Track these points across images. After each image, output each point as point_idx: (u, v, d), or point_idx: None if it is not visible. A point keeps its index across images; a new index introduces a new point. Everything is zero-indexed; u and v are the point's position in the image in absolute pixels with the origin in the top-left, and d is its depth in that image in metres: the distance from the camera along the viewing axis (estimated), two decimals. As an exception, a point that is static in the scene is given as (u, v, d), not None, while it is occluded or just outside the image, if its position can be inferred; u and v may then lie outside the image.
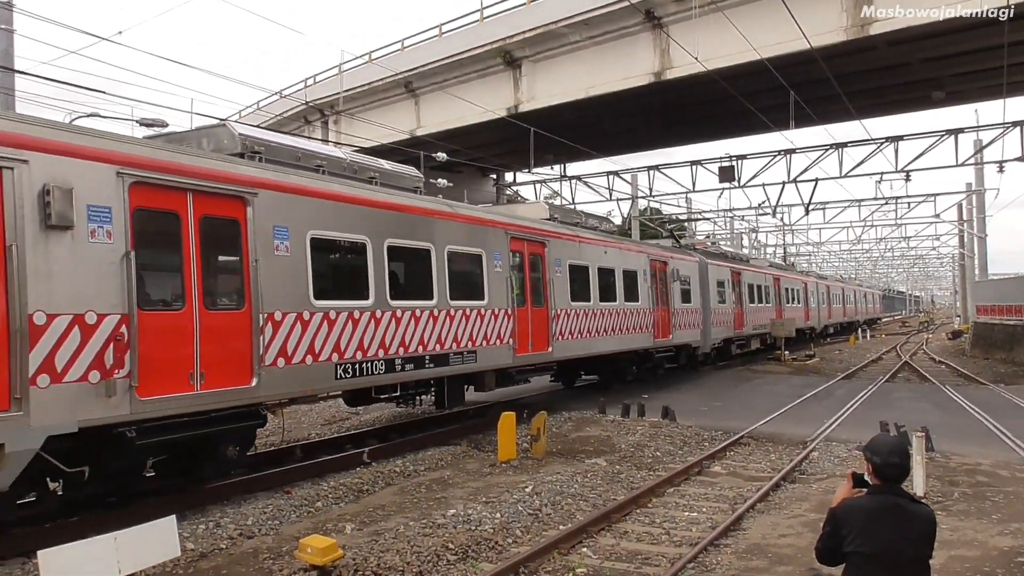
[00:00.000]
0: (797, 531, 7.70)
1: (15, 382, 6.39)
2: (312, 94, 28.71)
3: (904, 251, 69.12)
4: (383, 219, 10.95)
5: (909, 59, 21.07)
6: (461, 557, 6.77)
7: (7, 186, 6.52)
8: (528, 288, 14.50)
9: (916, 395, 19.19)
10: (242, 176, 8.80)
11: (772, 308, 32.87)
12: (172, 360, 7.69)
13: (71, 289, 6.92)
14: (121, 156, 7.52)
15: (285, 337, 9.04)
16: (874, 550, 3.42)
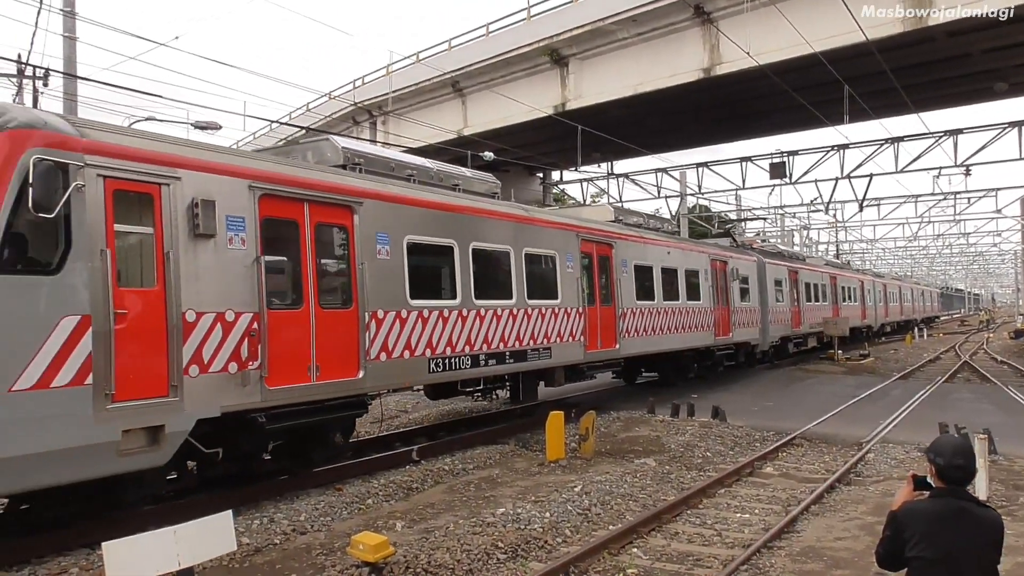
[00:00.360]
0: (853, 534, 7.55)
1: (172, 371, 7.35)
2: (361, 95, 29.09)
3: (963, 248, 66.98)
4: (468, 224, 11.80)
5: (970, 50, 20.40)
6: (511, 556, 6.80)
7: (165, 200, 7.48)
8: (597, 288, 15.09)
9: (977, 396, 18.62)
10: (349, 187, 9.74)
11: (829, 307, 32.90)
12: (294, 354, 8.61)
13: (214, 290, 7.85)
14: (252, 171, 8.51)
15: (386, 334, 9.93)
16: (938, 555, 3.31)
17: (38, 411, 6.38)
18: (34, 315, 6.47)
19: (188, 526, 5.47)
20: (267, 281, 8.33)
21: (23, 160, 6.47)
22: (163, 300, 7.38)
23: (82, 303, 6.70)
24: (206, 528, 5.53)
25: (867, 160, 26.33)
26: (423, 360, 10.55)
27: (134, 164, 7.29)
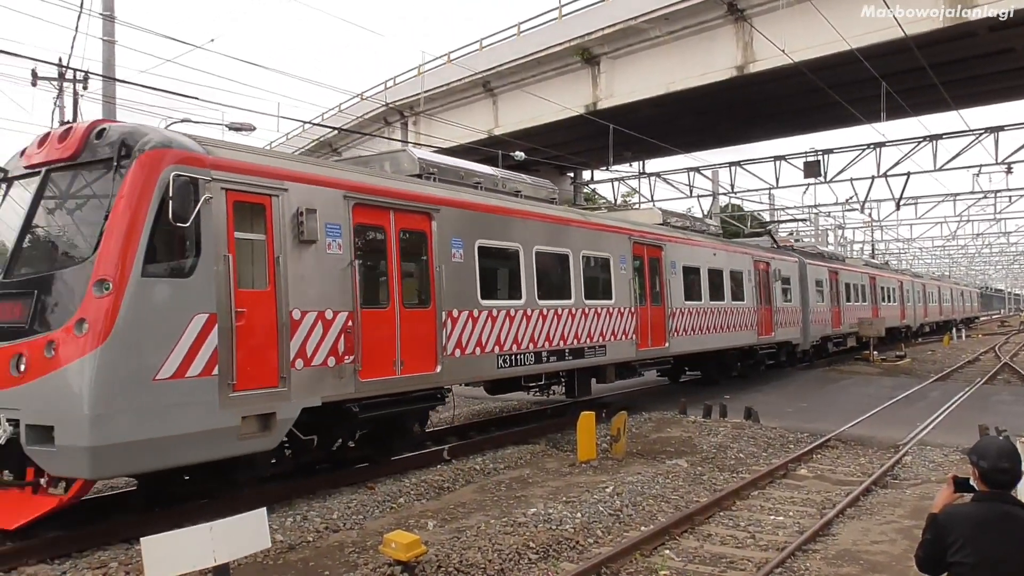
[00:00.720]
0: (891, 538, 7.44)
1: (282, 364, 8.13)
2: (392, 96, 29.28)
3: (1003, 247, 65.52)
4: (531, 228, 12.53)
5: (1012, 44, 19.94)
6: (542, 556, 6.80)
7: (275, 210, 8.26)
8: (648, 288, 15.73)
9: (1018, 398, 18.18)
10: (428, 195, 10.53)
11: (868, 307, 33.10)
12: (382, 349, 9.40)
13: (315, 291, 8.63)
14: (346, 182, 9.31)
15: (460, 332, 10.70)
16: (981, 561, 3.23)
17: (175, 398, 7.15)
18: (172, 313, 7.27)
19: (224, 523, 5.56)
20: (360, 283, 9.14)
21: (163, 176, 7.23)
22: (274, 300, 8.17)
23: (210, 302, 7.50)
24: (241, 525, 5.61)
25: (904, 158, 25.86)
26: (492, 356, 11.28)
27: (250, 178, 8.10)
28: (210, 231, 7.54)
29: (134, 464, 7.26)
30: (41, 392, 6.85)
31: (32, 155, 8.14)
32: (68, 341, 6.80)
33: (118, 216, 7.09)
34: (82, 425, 6.64)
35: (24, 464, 7.02)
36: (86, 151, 7.63)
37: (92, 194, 7.70)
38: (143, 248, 7.09)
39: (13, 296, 7.42)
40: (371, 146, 29.88)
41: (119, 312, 6.87)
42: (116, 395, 6.81)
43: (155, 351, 7.07)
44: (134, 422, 6.90)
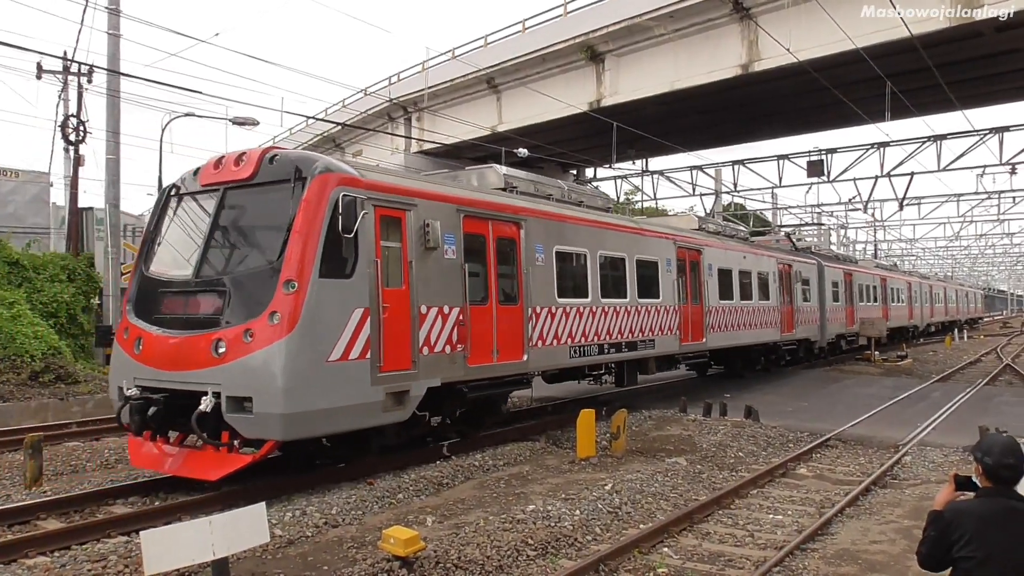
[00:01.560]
0: (890, 538, 7.43)
1: (414, 351, 9.67)
2: (396, 91, 29.27)
3: (1007, 248, 65.40)
4: (595, 234, 14.07)
5: (1019, 45, 19.87)
6: (541, 553, 6.80)
7: (408, 222, 9.82)
8: (689, 288, 17.17)
9: (1020, 399, 18.18)
10: (517, 207, 12.12)
11: (879, 307, 34.73)
12: (484, 340, 10.95)
13: (436, 290, 10.14)
14: (458, 198, 10.94)
15: (542, 325, 12.22)
16: (988, 555, 3.24)
17: (340, 377, 8.66)
18: (339, 308, 8.75)
19: (223, 517, 5.57)
20: (468, 283, 10.68)
21: (332, 195, 8.78)
22: (408, 297, 9.70)
23: (365, 299, 9.03)
24: (240, 519, 5.62)
25: (908, 158, 25.82)
26: (566, 348, 12.85)
27: (391, 196, 9.71)
28: (364, 240, 9.10)
29: (311, 429, 8.74)
30: (240, 370, 8.23)
31: (208, 175, 9.71)
32: (264, 329, 8.29)
33: (299, 228, 8.62)
34: (277, 396, 8.13)
35: (220, 429, 8.39)
36: (261, 173, 9.21)
37: (271, 209, 9.12)
38: (319, 255, 8.62)
39: (206, 292, 9.05)
40: (375, 141, 29.91)
41: (303, 307, 8.40)
42: (301, 373, 8.32)
43: (327, 338, 8.58)
44: (313, 395, 8.41)
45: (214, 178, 9.64)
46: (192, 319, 9.02)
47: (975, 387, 20.44)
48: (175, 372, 8.70)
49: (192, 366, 8.56)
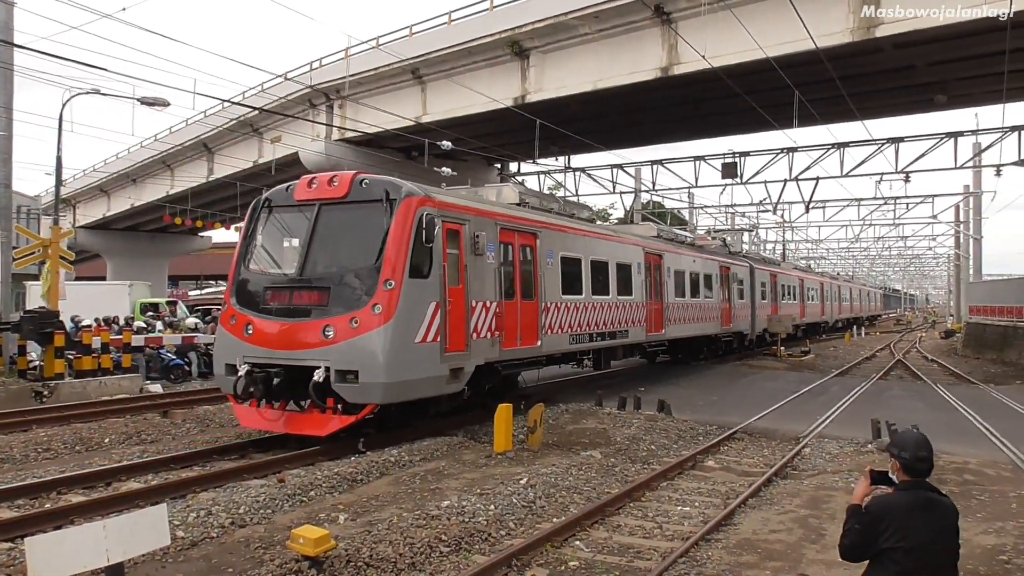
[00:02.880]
0: (788, 527, 7.85)
1: (468, 336, 12.06)
2: (317, 77, 28.66)
3: (901, 250, 69.27)
4: (588, 242, 16.85)
5: (914, 62, 21.08)
6: (454, 549, 6.87)
7: (464, 233, 12.24)
8: (652, 287, 20.03)
9: (909, 393, 19.35)
10: (534, 220, 14.81)
11: (798, 304, 38.91)
12: (512, 328, 13.36)
13: (481, 288, 12.53)
14: (496, 214, 13.55)
15: (551, 317, 14.82)
16: (914, 544, 3.52)
17: (421, 355, 11.04)
18: (421, 301, 11.10)
19: (119, 520, 5.34)
20: (501, 282, 13.09)
21: (417, 214, 11.11)
22: (463, 294, 12.04)
23: (437, 295, 11.37)
24: (138, 522, 5.40)
25: (814, 164, 27.06)
26: (567, 336, 15.51)
27: (454, 212, 12.15)
28: (436, 248, 11.37)
29: (401, 395, 11.08)
30: (348, 349, 10.45)
31: (303, 192, 11.90)
32: (368, 318, 10.54)
33: (394, 239, 10.93)
34: (379, 370, 10.43)
35: (325, 396, 10.51)
36: (352, 193, 11.47)
37: (366, 222, 11.35)
38: (408, 260, 10.90)
39: (312, 288, 11.17)
40: (295, 128, 29.25)
41: (398, 300, 10.68)
42: (397, 352, 10.60)
43: (414, 325, 10.91)
44: (403, 369, 10.74)
45: (309, 195, 11.84)
46: (298, 309, 11.14)
47: (870, 381, 21.65)
48: (287, 351, 10.87)
49: (303, 347, 10.75)
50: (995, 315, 33.89)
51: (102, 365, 18.11)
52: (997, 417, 14.54)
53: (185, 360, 20.44)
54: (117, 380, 17.88)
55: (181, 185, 39.82)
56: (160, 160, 40.35)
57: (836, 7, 18.28)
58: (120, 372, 18.50)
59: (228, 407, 15.01)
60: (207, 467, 10.18)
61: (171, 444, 11.84)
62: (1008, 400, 17.15)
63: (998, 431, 12.88)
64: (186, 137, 37.40)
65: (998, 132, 24.47)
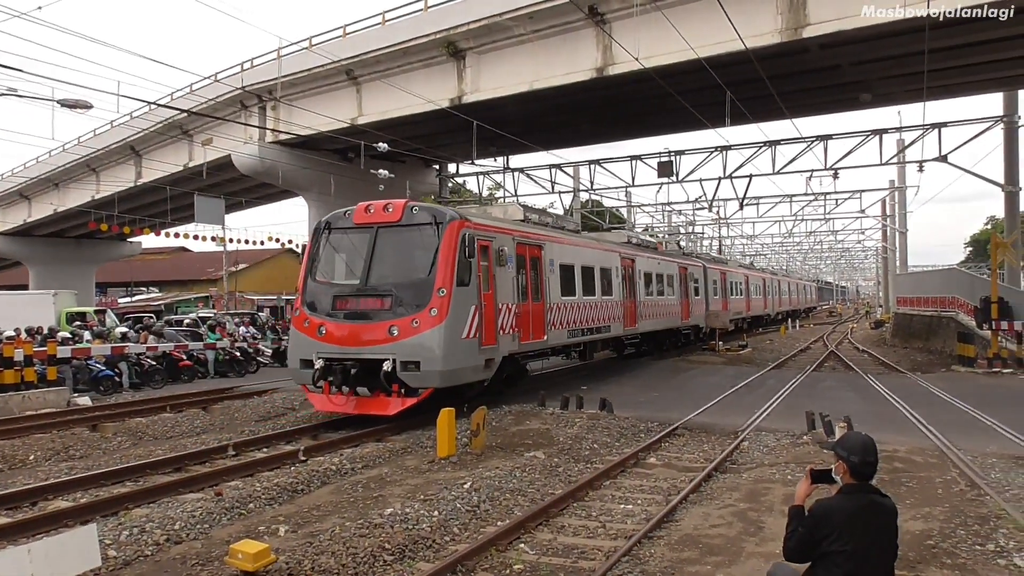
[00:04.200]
0: (728, 521, 7.96)
1: (497, 333, 14.61)
2: (249, 79, 28.02)
3: (832, 244, 71.55)
4: (579, 251, 19.68)
5: (840, 62, 21.73)
6: (398, 557, 6.76)
7: (492, 248, 14.79)
8: (627, 287, 22.83)
9: (841, 384, 19.90)
10: (540, 235, 17.69)
11: (744, 299, 42.81)
12: (526, 326, 16.05)
13: (505, 293, 15.16)
14: (514, 231, 16.20)
15: (554, 316, 17.48)
16: (857, 547, 3.56)
17: (466, 348, 13.66)
18: (465, 305, 13.65)
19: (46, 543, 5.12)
20: (518, 288, 15.81)
21: (461, 234, 13.69)
22: (493, 298, 14.63)
23: (475, 299, 13.98)
24: (66, 543, 5.19)
25: (747, 161, 27.70)
26: (565, 331, 18.25)
27: (484, 232, 14.74)
28: (473, 262, 14.00)
29: (452, 381, 13.58)
30: (410, 344, 12.98)
31: (361, 217, 14.38)
32: (426, 319, 13.08)
33: (444, 255, 13.48)
34: (437, 360, 12.98)
35: (391, 383, 13.00)
36: (405, 218, 13.99)
37: (418, 242, 13.87)
38: (456, 271, 13.45)
39: (376, 295, 13.63)
40: (226, 131, 28.51)
41: (449, 305, 13.24)
42: (450, 346, 13.16)
43: (461, 324, 13.49)
44: (455, 360, 13.33)
45: (367, 219, 14.30)
46: (364, 312, 13.63)
47: (804, 373, 22.24)
48: (357, 348, 13.36)
49: (372, 343, 13.22)
50: (921, 306, 35.24)
51: (25, 378, 17.34)
52: (924, 405, 15.06)
53: (115, 371, 19.69)
54: (42, 393, 17.12)
55: (108, 189, 38.47)
56: (84, 164, 38.89)
57: (764, 9, 18.73)
58: (45, 385, 17.74)
59: (160, 419, 14.68)
60: (140, 482, 9.90)
61: (102, 459, 11.42)
62: (934, 388, 17.79)
63: (924, 418, 13.33)
64: (111, 140, 36.15)
65: (920, 129, 25.47)
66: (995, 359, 20.86)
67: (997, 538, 7.16)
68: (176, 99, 28.54)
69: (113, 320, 29.55)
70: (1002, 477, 9.41)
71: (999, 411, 13.78)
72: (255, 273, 58.82)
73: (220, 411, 15.79)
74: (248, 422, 14.82)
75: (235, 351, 23.44)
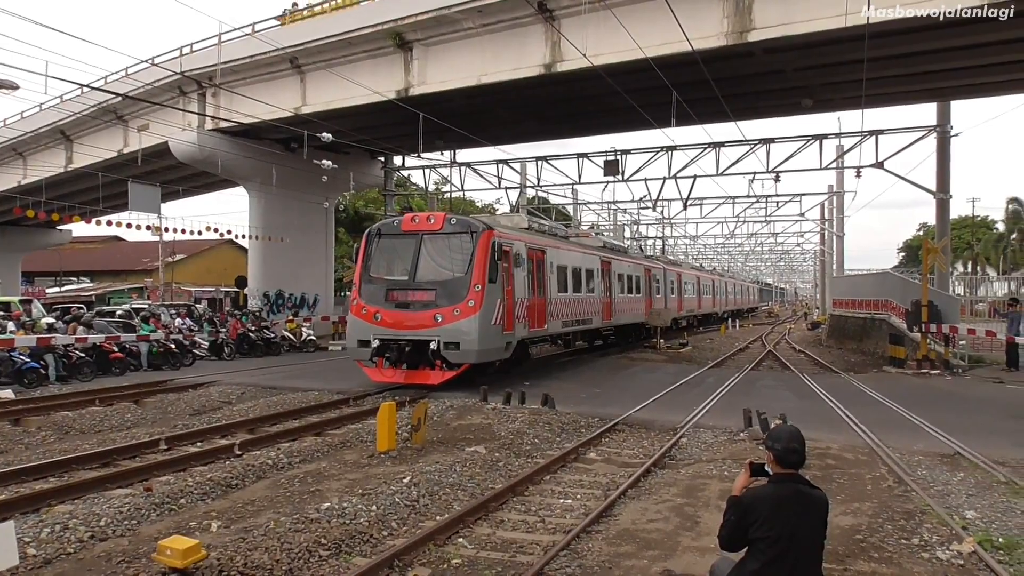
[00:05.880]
0: (665, 516, 8.02)
1: (514, 321, 17.84)
2: (188, 64, 27.18)
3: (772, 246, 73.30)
4: (570, 254, 23.09)
5: (784, 67, 22.18)
6: (334, 552, 6.63)
7: (512, 252, 17.95)
8: (605, 286, 26.28)
9: (778, 383, 20.32)
10: (543, 241, 20.89)
11: (695, 298, 46.92)
12: (533, 316, 19.09)
13: (519, 289, 18.21)
14: (525, 239, 19.21)
15: (553, 309, 20.70)
16: (780, 534, 3.64)
17: (494, 332, 16.87)
18: (494, 298, 16.75)
19: None
20: (527, 285, 18.81)
21: (492, 241, 16.89)
22: (512, 293, 17.80)
23: (500, 294, 17.07)
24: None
25: (691, 162, 28.10)
26: (560, 321, 21.49)
27: (506, 239, 17.84)
28: (500, 263, 17.14)
29: (485, 358, 16.90)
30: (452, 329, 16.18)
31: (408, 226, 17.51)
32: (465, 309, 16.20)
33: (479, 258, 16.61)
34: (474, 342, 16.26)
35: (434, 359, 16.31)
36: (445, 227, 17.17)
37: (456, 247, 16.98)
38: (488, 271, 16.57)
39: (424, 289, 16.69)
40: (164, 117, 27.65)
41: (483, 298, 16.31)
42: (484, 330, 16.41)
43: (491, 314, 16.63)
44: (487, 341, 16.58)
45: (413, 228, 17.45)
46: (413, 302, 16.73)
47: (743, 372, 22.67)
48: (408, 331, 16.54)
49: (421, 327, 16.41)
50: (855, 308, 36.29)
51: (-58, 371, 16.48)
52: (856, 404, 15.48)
53: (41, 363, 18.87)
54: (-40, 387, 16.32)
55: (35, 175, 36.90)
56: (10, 147, 37.29)
57: (711, 11, 18.98)
58: (-36, 378, 16.90)
59: (88, 413, 14.20)
60: (65, 478, 9.49)
61: (23, 455, 10.94)
62: (866, 388, 18.31)
63: (857, 417, 13.70)
64: (40, 123, 34.72)
65: (858, 136, 26.22)
66: (924, 361, 21.57)
67: (922, 532, 7.38)
68: (110, 83, 27.51)
69: (40, 311, 28.34)
70: (928, 474, 9.72)
71: (926, 411, 14.25)
72: (193, 264, 57.32)
73: (153, 405, 15.30)
74: (182, 416, 14.38)
75: (170, 343, 22.73)
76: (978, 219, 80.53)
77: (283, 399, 15.76)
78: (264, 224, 31.39)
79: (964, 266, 76.19)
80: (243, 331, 26.63)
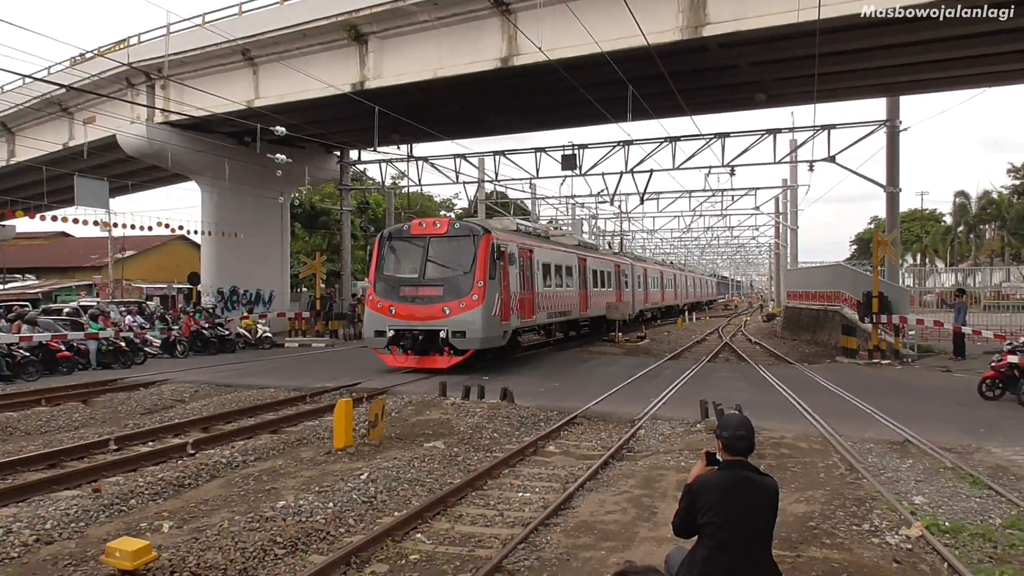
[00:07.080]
0: (623, 507, 8.06)
1: (510, 312, 20.03)
2: (136, 55, 26.50)
3: (728, 240, 74.44)
4: (552, 253, 25.12)
5: (737, 62, 22.46)
6: (290, 550, 6.53)
7: (507, 252, 20.22)
8: (583, 280, 28.55)
9: (734, 374, 20.58)
10: (530, 243, 22.94)
11: (659, 292, 49.20)
12: (524, 308, 21.17)
13: (513, 284, 20.24)
14: (517, 240, 21.57)
15: (540, 301, 22.65)
16: (725, 519, 3.69)
17: (495, 322, 19.00)
18: (493, 292, 18.81)
19: None
20: (519, 280, 20.72)
21: (491, 243, 19.03)
22: (508, 288, 19.75)
23: (498, 289, 19.11)
24: None
25: (648, 157, 28.34)
26: (545, 313, 23.49)
27: (502, 241, 19.91)
28: (498, 262, 19.14)
29: (487, 345, 18.91)
30: (458, 320, 18.34)
31: (417, 230, 19.66)
32: (470, 302, 18.36)
33: (480, 257, 18.71)
34: (478, 331, 18.42)
35: (443, 347, 18.57)
36: (450, 231, 19.49)
37: (461, 248, 19.05)
38: (487, 269, 18.62)
39: (432, 285, 18.83)
40: (111, 109, 26.91)
41: (484, 292, 18.39)
42: (486, 320, 18.48)
43: (491, 307, 18.57)
44: (489, 330, 18.62)
45: (421, 231, 19.58)
46: (423, 297, 18.72)
47: (699, 364, 22.91)
48: (419, 322, 18.67)
49: (430, 319, 18.50)
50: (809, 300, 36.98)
51: None
52: (810, 394, 15.76)
53: (-18, 364, 18.25)
54: None
55: (-24, 169, 35.64)
56: (-51, 140, 35.86)
57: (666, 6, 19.13)
58: (-101, 380, 16.25)
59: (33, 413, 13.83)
60: (8, 480, 9.18)
61: (-39, 458, 10.49)
62: (819, 378, 18.65)
63: (810, 407, 13.94)
64: (-21, 115, 33.51)
65: (811, 130, 26.71)
66: (875, 351, 22.09)
67: (872, 518, 7.54)
68: (54, 73, 26.70)
69: (-18, 309, 27.39)
70: (878, 461, 9.94)
71: (877, 400, 14.58)
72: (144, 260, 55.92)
73: (102, 404, 14.88)
74: (133, 415, 14.01)
75: (120, 341, 22.16)
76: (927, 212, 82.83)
77: (238, 397, 15.47)
78: (217, 219, 30.78)
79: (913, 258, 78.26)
80: (196, 328, 26.09)
